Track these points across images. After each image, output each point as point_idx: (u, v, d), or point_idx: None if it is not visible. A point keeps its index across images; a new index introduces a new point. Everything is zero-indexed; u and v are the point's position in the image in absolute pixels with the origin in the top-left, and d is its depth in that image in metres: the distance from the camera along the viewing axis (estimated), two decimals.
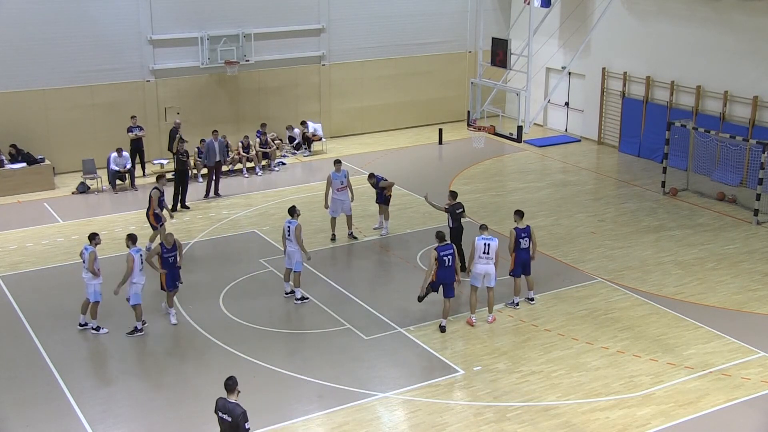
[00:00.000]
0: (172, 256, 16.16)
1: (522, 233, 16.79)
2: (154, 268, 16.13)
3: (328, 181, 20.19)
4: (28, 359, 15.11)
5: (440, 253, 15.69)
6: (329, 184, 20.16)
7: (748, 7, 24.06)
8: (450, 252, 15.81)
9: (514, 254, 16.73)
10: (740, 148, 23.75)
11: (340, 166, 20.29)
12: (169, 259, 16.13)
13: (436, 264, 15.66)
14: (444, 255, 15.69)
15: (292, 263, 17.13)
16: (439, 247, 15.77)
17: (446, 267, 15.72)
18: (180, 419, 13.32)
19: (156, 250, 16.15)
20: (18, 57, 24.82)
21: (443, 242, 15.92)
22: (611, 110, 28.86)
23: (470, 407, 13.62)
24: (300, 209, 17.75)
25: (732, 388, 14.12)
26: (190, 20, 26.93)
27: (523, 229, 16.85)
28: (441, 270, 15.71)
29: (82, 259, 16.12)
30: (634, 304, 17.24)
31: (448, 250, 15.78)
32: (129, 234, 16.16)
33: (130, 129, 25.26)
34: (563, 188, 24.74)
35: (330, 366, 14.83)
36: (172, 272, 16.27)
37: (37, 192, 24.18)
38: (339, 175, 20.14)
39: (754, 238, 20.82)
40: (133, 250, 15.73)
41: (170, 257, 16.13)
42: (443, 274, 15.74)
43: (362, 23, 29.73)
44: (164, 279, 16.22)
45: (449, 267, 15.75)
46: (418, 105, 31.61)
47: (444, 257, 15.68)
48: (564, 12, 28.42)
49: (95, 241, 16.07)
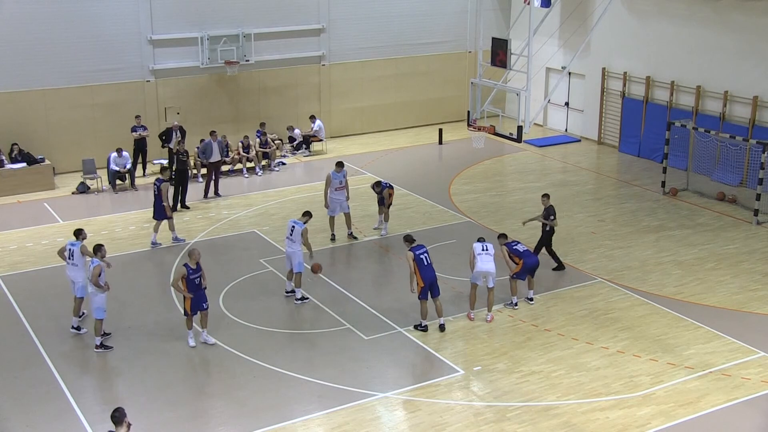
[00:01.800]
0: (197, 277, 15.09)
1: (513, 244, 17.08)
2: (180, 292, 15.16)
3: (328, 180, 20.24)
4: (28, 359, 15.11)
5: (416, 253, 15.81)
6: (328, 183, 20.20)
7: (748, 7, 24.07)
8: (424, 250, 15.97)
9: (522, 261, 16.77)
10: (740, 148, 23.75)
11: (342, 168, 20.32)
12: (195, 281, 15.06)
13: (416, 265, 15.70)
14: (420, 254, 15.81)
15: (292, 264, 17.14)
16: (413, 248, 15.91)
17: (426, 265, 15.80)
18: (180, 419, 13.32)
19: (181, 272, 14.98)
20: (18, 57, 24.82)
21: (413, 243, 16.08)
22: (611, 110, 28.86)
23: (470, 407, 13.62)
24: (305, 212, 17.71)
25: (732, 388, 14.12)
26: (190, 20, 26.93)
27: (511, 242, 17.16)
28: (422, 270, 15.74)
29: (66, 257, 15.89)
30: (634, 304, 17.25)
31: (421, 249, 15.94)
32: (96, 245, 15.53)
33: (135, 128, 25.27)
34: (563, 188, 24.74)
35: (330, 366, 14.83)
36: (198, 295, 15.20)
37: (37, 192, 24.18)
38: (338, 175, 20.18)
39: (754, 238, 20.82)
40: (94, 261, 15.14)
41: (196, 278, 15.06)
42: (426, 273, 15.77)
43: (362, 23, 29.73)
44: (189, 304, 15.12)
45: (429, 265, 15.84)
46: (418, 105, 31.61)
47: (421, 256, 15.79)
48: (564, 12, 28.42)
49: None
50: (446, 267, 18.39)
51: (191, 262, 15.05)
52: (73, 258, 15.84)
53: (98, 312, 15.23)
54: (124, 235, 21.10)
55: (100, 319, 15.27)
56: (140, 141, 25.35)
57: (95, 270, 15.02)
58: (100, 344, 15.31)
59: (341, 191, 20.27)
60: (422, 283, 15.73)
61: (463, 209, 22.77)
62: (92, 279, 15.04)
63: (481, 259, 16.22)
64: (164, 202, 19.88)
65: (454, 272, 18.12)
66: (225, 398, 13.92)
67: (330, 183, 20.18)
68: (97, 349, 15.29)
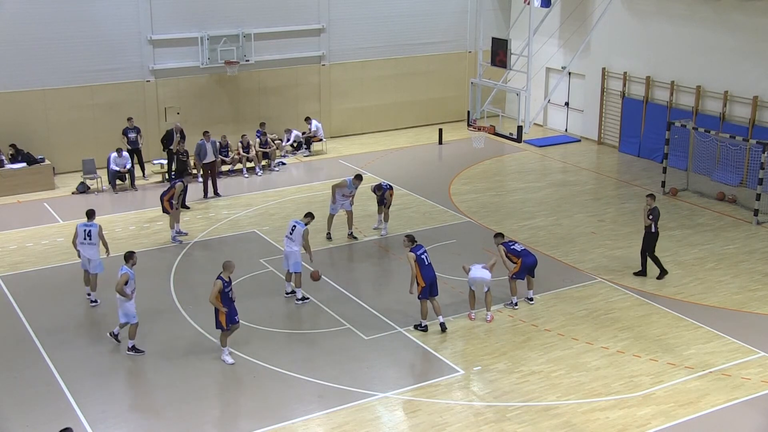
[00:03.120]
0: (230, 290, 14.78)
1: (510, 243, 17.07)
2: (218, 307, 14.59)
3: (342, 184, 20.17)
4: (28, 359, 15.10)
5: (417, 253, 15.83)
6: (341, 186, 20.13)
7: (748, 7, 24.06)
8: (424, 250, 16.01)
9: (520, 260, 16.76)
10: (740, 148, 23.75)
11: (359, 183, 20.30)
12: (229, 294, 14.73)
13: (417, 265, 15.72)
14: (421, 254, 15.85)
15: (289, 264, 17.14)
16: (414, 249, 15.91)
17: (426, 265, 15.83)
18: (180, 420, 13.31)
19: (218, 287, 14.47)
20: (18, 57, 24.82)
21: (414, 243, 16.07)
22: (611, 110, 28.86)
23: (470, 407, 13.62)
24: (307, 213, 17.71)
25: (732, 388, 14.12)
26: (190, 20, 26.93)
27: (508, 241, 17.16)
28: (423, 269, 15.76)
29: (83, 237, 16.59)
30: (634, 304, 17.25)
31: (421, 249, 15.98)
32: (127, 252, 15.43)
33: (126, 131, 25.01)
34: (563, 188, 24.74)
35: (330, 366, 14.83)
36: (231, 308, 14.85)
37: (37, 192, 24.18)
38: (352, 187, 20.25)
39: (754, 238, 20.82)
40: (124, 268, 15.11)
41: (229, 291, 14.75)
42: (427, 272, 15.79)
43: (362, 23, 29.73)
44: (225, 318, 14.68)
45: (429, 264, 15.88)
46: (418, 105, 31.61)
47: (422, 256, 15.82)
48: (564, 12, 28.43)
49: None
50: (446, 267, 18.40)
51: (226, 274, 14.67)
52: (91, 237, 16.42)
53: (130, 317, 15.09)
54: (124, 235, 21.10)
55: (134, 323, 15.13)
56: (133, 143, 25.03)
57: (122, 278, 14.85)
58: (132, 347, 15.21)
59: (347, 199, 20.36)
60: (423, 283, 15.73)
61: (463, 209, 22.77)
62: (118, 287, 14.83)
63: (474, 267, 16.39)
64: (172, 199, 20.20)
65: (455, 272, 18.11)
66: (225, 398, 13.93)
67: (341, 186, 20.13)
68: (128, 351, 15.19)
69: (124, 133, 25.09)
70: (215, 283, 14.56)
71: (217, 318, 14.72)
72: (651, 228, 18.26)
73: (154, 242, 20.58)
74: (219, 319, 14.72)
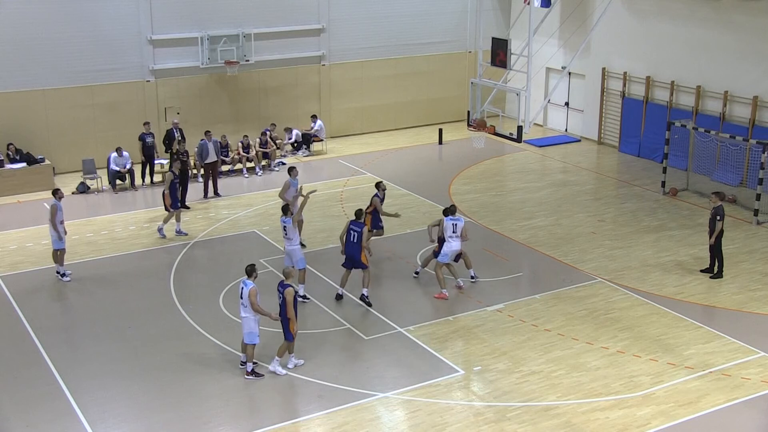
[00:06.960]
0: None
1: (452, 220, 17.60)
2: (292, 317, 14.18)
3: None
4: (28, 359, 15.10)
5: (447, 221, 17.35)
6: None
7: (748, 7, 24.06)
8: (460, 219, 17.47)
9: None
10: (740, 148, 23.75)
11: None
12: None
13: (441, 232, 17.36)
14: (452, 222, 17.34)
15: (292, 262, 17.13)
16: (448, 218, 17.39)
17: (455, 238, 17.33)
18: (180, 420, 13.31)
19: (292, 294, 14.09)
20: (18, 57, 24.82)
21: (448, 214, 17.50)
22: (611, 110, 28.86)
23: (470, 407, 13.62)
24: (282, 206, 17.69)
25: (732, 388, 14.12)
26: (190, 20, 26.93)
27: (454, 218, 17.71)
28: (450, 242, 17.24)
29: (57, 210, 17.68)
30: (634, 304, 17.25)
31: (459, 220, 17.49)
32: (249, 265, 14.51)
33: (143, 136, 24.55)
34: (563, 188, 24.74)
35: (330, 366, 14.83)
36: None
37: (37, 192, 24.15)
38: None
39: (754, 238, 20.82)
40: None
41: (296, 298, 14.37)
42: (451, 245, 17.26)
43: (362, 23, 29.73)
44: (294, 326, 14.27)
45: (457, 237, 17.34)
46: (418, 105, 31.61)
47: (452, 224, 17.31)
48: (564, 12, 28.43)
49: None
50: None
51: (291, 281, 14.30)
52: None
53: (251, 337, 14.32)
54: (124, 235, 21.10)
55: (253, 344, 14.38)
56: (149, 148, 24.71)
57: (252, 293, 14.10)
58: (251, 371, 14.42)
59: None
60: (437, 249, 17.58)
61: (463, 209, 22.75)
62: (254, 306, 14.11)
63: (453, 239, 17.24)
64: (165, 191, 20.68)
65: (456, 272, 18.09)
66: (225, 398, 13.92)
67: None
68: (248, 376, 14.37)
69: (141, 138, 24.59)
70: (288, 292, 14.02)
71: (287, 328, 14.27)
72: (721, 226, 18.24)
73: (154, 242, 20.58)
74: (290, 330, 14.28)
